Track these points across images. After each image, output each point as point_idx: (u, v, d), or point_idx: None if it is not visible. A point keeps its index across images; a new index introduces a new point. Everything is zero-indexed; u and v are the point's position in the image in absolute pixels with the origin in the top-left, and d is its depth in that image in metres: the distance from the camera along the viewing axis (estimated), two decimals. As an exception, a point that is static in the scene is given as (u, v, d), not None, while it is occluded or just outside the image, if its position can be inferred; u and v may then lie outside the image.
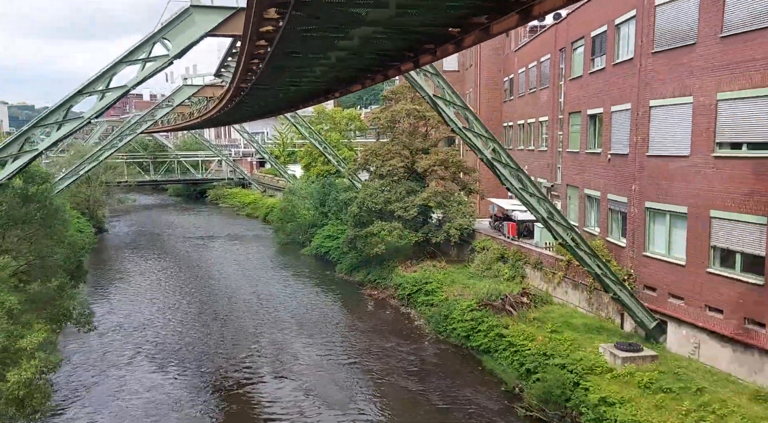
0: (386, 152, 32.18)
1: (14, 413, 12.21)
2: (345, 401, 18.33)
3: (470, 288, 25.06)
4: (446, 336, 23.32)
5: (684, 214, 17.59)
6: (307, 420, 17.12)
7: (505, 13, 8.39)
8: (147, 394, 18.82)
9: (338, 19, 9.12)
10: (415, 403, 18.36)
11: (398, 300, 28.76)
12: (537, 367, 18.00)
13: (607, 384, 15.99)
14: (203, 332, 25.04)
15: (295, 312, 27.82)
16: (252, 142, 68.98)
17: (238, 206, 67.13)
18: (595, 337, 19.04)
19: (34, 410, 12.60)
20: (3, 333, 11.83)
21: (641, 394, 15.23)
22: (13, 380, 11.68)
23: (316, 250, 40.08)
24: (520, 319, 21.68)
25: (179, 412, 17.60)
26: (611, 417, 14.63)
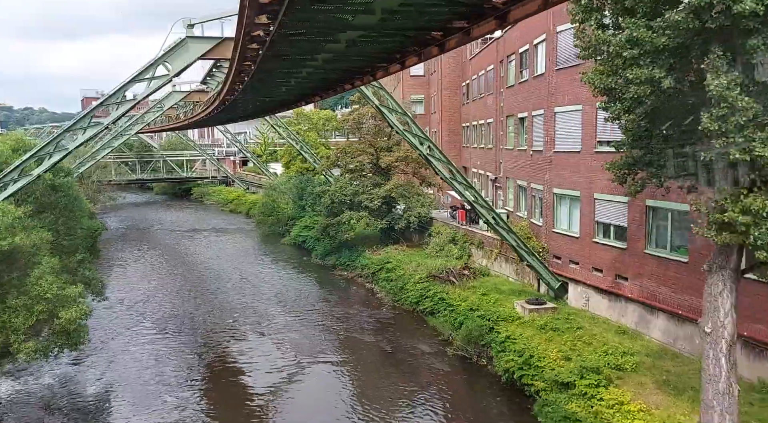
0: (354, 150, 36.96)
1: (63, 342, 16.75)
2: (314, 350, 23.06)
3: (423, 265, 29.87)
4: (401, 303, 28.17)
5: (578, 198, 22.62)
6: (282, 364, 21.81)
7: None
8: (150, 347, 23.39)
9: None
10: (370, 349, 23.17)
11: (364, 278, 33.51)
12: (465, 320, 22.87)
13: (513, 328, 20.88)
14: (195, 303, 29.61)
15: (274, 289, 32.48)
16: (235, 142, 73.21)
17: (222, 203, 71.35)
18: (515, 298, 23.94)
19: (76, 343, 17.16)
20: (56, 283, 16.37)
21: (537, 333, 20.14)
22: (65, 317, 16.24)
23: (295, 239, 44.69)
24: (461, 287, 26.57)
25: (179, 359, 22.19)
26: (511, 348, 19.54)
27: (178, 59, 18.90)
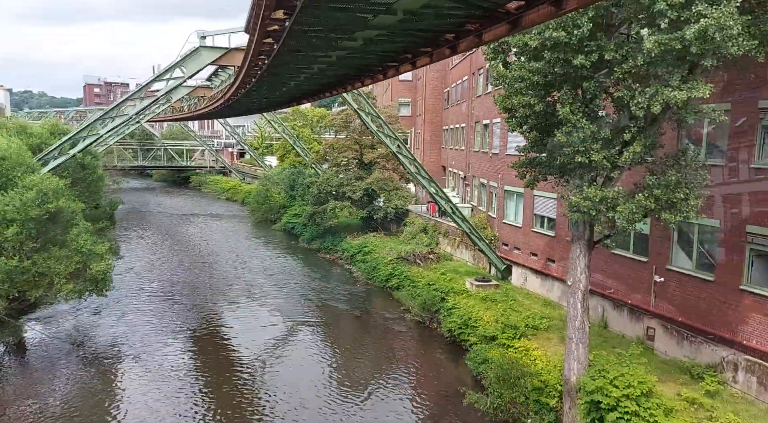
0: (341, 146, 41.40)
1: (93, 288, 21.13)
2: (294, 312, 27.50)
3: (395, 250, 34.33)
4: (373, 281, 32.64)
5: (522, 194, 27.13)
6: (267, 321, 26.24)
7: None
8: (156, 304, 27.79)
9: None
10: (342, 314, 27.65)
11: (344, 260, 37.97)
12: (423, 293, 27.35)
13: (460, 299, 25.37)
14: (195, 274, 34.00)
15: (263, 265, 36.89)
16: (233, 134, 77.43)
17: (219, 191, 75.66)
18: (468, 277, 28.40)
19: (103, 289, 21.56)
20: (90, 240, 20.76)
21: (478, 303, 24.61)
22: (95, 268, 20.63)
23: (285, 225, 49.11)
24: (424, 268, 31.07)
25: (179, 314, 26.58)
26: (455, 313, 24.03)
27: (192, 64, 22.77)
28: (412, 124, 54.53)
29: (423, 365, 22.05)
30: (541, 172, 15.94)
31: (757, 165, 15.40)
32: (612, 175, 14.33)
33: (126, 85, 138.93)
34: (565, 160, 14.25)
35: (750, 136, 15.31)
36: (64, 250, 20.07)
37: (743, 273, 16.05)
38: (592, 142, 13.68)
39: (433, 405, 18.66)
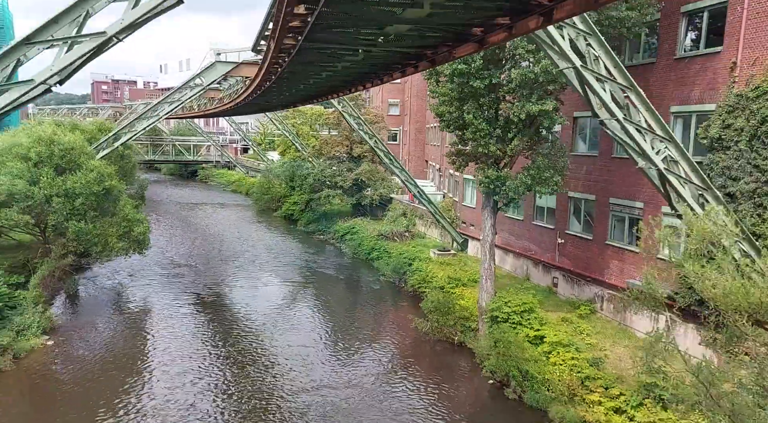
0: (334, 142, 48.21)
1: (136, 247, 28.02)
2: (291, 277, 34.35)
3: (378, 230, 41.16)
4: (358, 255, 39.47)
5: (473, 181, 33.87)
6: (268, 282, 33.08)
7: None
8: (175, 272, 34.67)
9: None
10: (329, 278, 34.52)
11: (335, 240, 44.81)
12: (395, 260, 34.14)
13: (423, 264, 32.12)
14: (207, 249, 40.91)
15: (266, 244, 43.79)
16: (238, 131, 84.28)
17: (225, 184, 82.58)
18: (433, 249, 35.20)
19: (143, 248, 28.48)
20: (133, 210, 27.64)
21: (437, 266, 31.35)
22: (137, 231, 27.55)
23: (285, 213, 55.94)
24: (401, 244, 37.87)
25: (196, 280, 33.46)
26: (417, 273, 30.79)
27: (209, 75, 28.58)
28: (401, 123, 61.30)
29: (389, 309, 28.90)
30: (464, 160, 22.73)
31: (615, 155, 22.18)
32: (505, 161, 21.13)
33: (134, 83, 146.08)
34: (473, 151, 21.06)
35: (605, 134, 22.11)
36: (115, 218, 26.98)
37: (608, 232, 22.87)
38: (488, 138, 20.48)
39: (391, 331, 25.52)
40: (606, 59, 12.37)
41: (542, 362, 18.80)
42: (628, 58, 21.98)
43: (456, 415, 17.85)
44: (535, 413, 17.80)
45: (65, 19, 10.30)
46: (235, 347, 23.02)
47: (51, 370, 20.57)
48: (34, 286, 24.78)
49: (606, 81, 12.12)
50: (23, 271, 26.07)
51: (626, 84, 12.49)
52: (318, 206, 47.96)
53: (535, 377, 18.46)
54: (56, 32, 10.41)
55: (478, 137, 20.49)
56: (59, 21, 10.32)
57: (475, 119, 20.29)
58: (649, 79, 20.63)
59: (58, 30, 10.40)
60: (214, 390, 19.16)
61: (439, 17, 9.06)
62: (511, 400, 18.80)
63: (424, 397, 19.10)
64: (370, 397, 18.92)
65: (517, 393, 18.87)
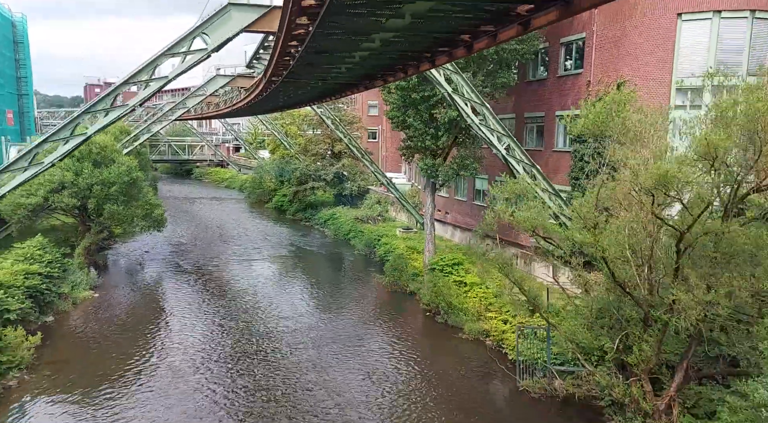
0: (317, 140, 55.78)
1: (155, 226, 35.55)
2: (279, 252, 41.92)
3: (355, 215, 48.76)
4: (338, 236, 47.10)
5: (433, 170, 41.54)
6: (261, 255, 40.63)
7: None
8: (185, 248, 42.15)
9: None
10: (313, 252, 42.17)
11: (319, 226, 52.40)
12: (367, 238, 41.76)
13: (390, 239, 39.75)
14: (208, 234, 48.41)
15: (259, 230, 51.30)
16: (231, 131, 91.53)
17: (219, 181, 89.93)
18: (399, 228, 42.84)
19: (161, 226, 36.03)
20: (154, 196, 35.10)
21: (400, 241, 38.98)
22: (157, 212, 35.08)
23: (275, 204, 63.47)
24: (374, 226, 45.50)
25: (198, 258, 40.96)
26: (384, 246, 38.39)
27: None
28: (379, 122, 68.92)
29: (360, 273, 36.55)
30: (410, 152, 30.40)
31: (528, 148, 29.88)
32: (439, 153, 28.84)
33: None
34: (415, 146, 28.76)
35: (520, 131, 29.88)
36: (139, 202, 34.42)
37: (521, 206, 30.59)
38: (425, 136, 28.15)
39: (361, 286, 33.20)
40: (466, 87, 20.09)
41: (462, 297, 26.48)
42: (532, 75, 29.74)
43: (402, 334, 25.45)
44: (454, 330, 25.45)
45: (145, 70, 17.91)
46: (236, 301, 30.57)
47: (99, 311, 28.01)
48: (79, 255, 32.24)
49: (467, 101, 19.79)
50: (65, 246, 33.43)
51: (479, 102, 20.22)
52: (304, 197, 55.53)
53: (457, 306, 26.14)
54: (140, 77, 18.06)
55: (417, 135, 28.17)
56: (141, 71, 17.79)
57: (414, 122, 27.95)
58: (544, 89, 28.39)
59: (141, 76, 18.05)
60: (222, 327, 26.71)
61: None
62: (440, 323, 26.50)
63: (382, 324, 26.73)
64: (342, 324, 26.51)
65: (444, 318, 26.56)
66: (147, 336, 24.75)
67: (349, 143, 41.42)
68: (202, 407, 18.33)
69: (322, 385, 19.81)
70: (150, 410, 18.09)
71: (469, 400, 19.13)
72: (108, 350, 23.06)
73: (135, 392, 19.35)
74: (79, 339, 24.41)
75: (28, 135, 54.91)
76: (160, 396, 19.08)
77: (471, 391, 19.93)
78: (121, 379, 20.39)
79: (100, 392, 19.29)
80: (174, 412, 18.03)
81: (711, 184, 12.83)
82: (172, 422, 17.44)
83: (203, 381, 20.18)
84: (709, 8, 21.29)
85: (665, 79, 22.37)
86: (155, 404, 18.50)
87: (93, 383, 19.94)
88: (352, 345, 23.81)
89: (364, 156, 41.87)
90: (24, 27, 56.46)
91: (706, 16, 21.43)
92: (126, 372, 20.95)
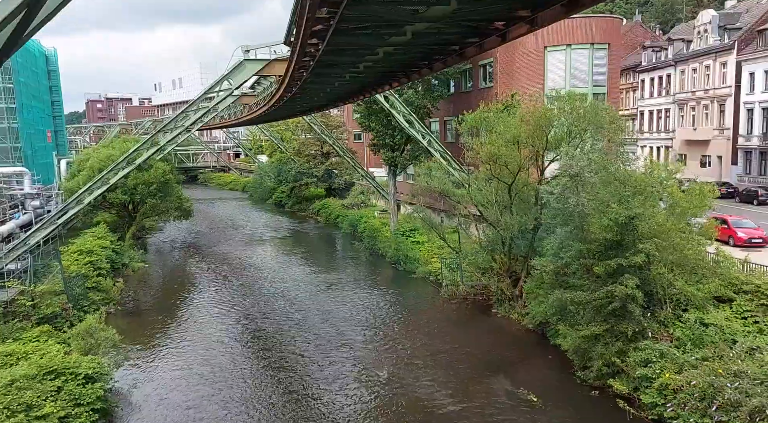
0: (309, 142, 66.66)
1: (184, 215, 46.41)
2: (279, 235, 52.77)
3: (342, 203, 59.58)
4: (328, 221, 58.00)
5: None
6: (264, 237, 51.45)
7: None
8: (204, 234, 52.99)
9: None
10: (307, 234, 53.09)
11: (313, 215, 63.28)
12: (350, 219, 52.57)
13: (368, 219, 50.52)
14: (221, 224, 59.31)
15: (261, 220, 62.21)
16: (232, 138, 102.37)
17: (223, 184, 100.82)
18: (376, 212, 53.61)
19: (189, 216, 46.94)
20: (183, 193, 45.92)
21: (377, 220, 49.75)
22: (186, 205, 45.97)
23: (275, 200, 74.31)
24: (357, 211, 56.31)
25: (213, 242, 51.79)
26: (364, 225, 49.21)
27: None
28: (363, 125, 79.77)
29: (345, 245, 47.40)
30: (377, 148, 41.23)
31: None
32: (397, 148, 39.70)
33: (129, 100, 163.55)
34: (379, 143, 39.66)
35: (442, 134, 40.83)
36: (171, 197, 45.23)
37: (461, 185, 41.49)
38: (385, 137, 39.01)
39: (343, 252, 44.11)
40: (397, 103, 30.99)
41: (416, 251, 37.29)
42: (465, 87, 40.58)
43: (374, 278, 36.22)
44: (409, 273, 36.24)
45: (194, 104, 28.72)
46: (252, 271, 41.38)
47: (150, 274, 38.82)
48: (129, 238, 43.05)
49: (399, 113, 30.66)
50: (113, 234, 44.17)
51: (407, 112, 31.07)
52: (299, 192, 66.42)
53: (411, 258, 36.95)
54: (191, 108, 28.65)
55: (379, 135, 39.03)
56: (192, 104, 28.57)
57: (376, 126, 38.81)
58: (470, 98, 39.22)
59: (192, 107, 28.55)
60: (240, 280, 37.49)
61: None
62: (400, 270, 37.36)
63: (360, 273, 37.51)
64: (332, 276, 37.28)
65: (403, 267, 37.38)
66: (186, 288, 35.59)
67: (334, 145, 52.26)
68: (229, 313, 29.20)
69: (316, 311, 30.54)
70: (194, 320, 28.95)
71: (414, 306, 30.03)
72: (161, 294, 33.94)
73: (181, 315, 30.20)
74: (142, 288, 35.28)
75: (62, 150, 66.00)
76: (199, 315, 29.94)
77: (416, 302, 30.85)
78: (171, 306, 31.26)
79: (160, 313, 30.16)
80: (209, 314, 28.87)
81: (519, 157, 23.68)
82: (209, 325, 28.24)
83: (230, 303, 31.05)
84: (564, 42, 32.06)
85: (540, 90, 33.15)
86: (196, 316, 29.35)
87: (155, 309, 30.83)
88: (340, 288, 34.60)
89: (346, 154, 52.70)
90: (55, 58, 67.37)
91: (562, 48, 32.24)
92: (174, 304, 31.83)
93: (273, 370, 22.43)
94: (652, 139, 59.29)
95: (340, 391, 20.30)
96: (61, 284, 27.34)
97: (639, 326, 17.80)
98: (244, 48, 24.77)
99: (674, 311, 18.00)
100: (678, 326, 17.40)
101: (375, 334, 26.44)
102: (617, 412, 17.62)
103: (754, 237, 25.97)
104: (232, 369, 22.43)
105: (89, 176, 40.36)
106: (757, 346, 15.46)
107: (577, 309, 19.62)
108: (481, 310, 28.51)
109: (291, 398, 20.03)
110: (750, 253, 22.53)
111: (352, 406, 19.33)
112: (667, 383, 16.01)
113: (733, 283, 18.36)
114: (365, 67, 17.39)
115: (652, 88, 59.27)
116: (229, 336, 26.48)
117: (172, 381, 21.53)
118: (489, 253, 27.60)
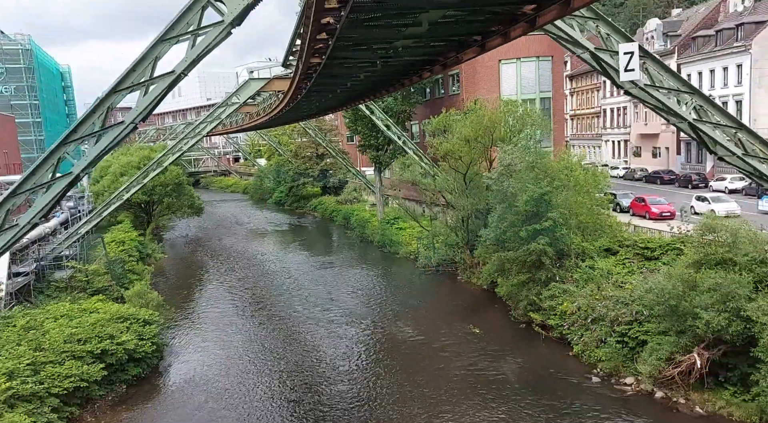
0: (305, 145, 73.25)
1: (196, 212, 53.02)
2: (284, 228, 59.38)
3: (337, 200, 66.12)
4: (324, 216, 64.62)
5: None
6: (267, 230, 58.02)
7: None
8: (212, 230, 59.60)
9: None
10: (305, 228, 59.76)
11: (310, 211, 69.90)
12: (344, 213, 59.13)
13: (360, 212, 57.06)
14: (226, 222, 65.96)
15: (264, 217, 68.85)
16: (232, 143, 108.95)
17: (224, 187, 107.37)
18: (366, 205, 60.22)
19: (200, 212, 53.58)
20: (192, 191, 52.50)
21: (367, 212, 56.35)
22: (197, 203, 52.59)
23: (275, 200, 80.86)
24: (350, 206, 62.89)
25: (223, 235, 58.39)
26: (355, 217, 55.78)
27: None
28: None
29: (338, 235, 54.06)
30: (364, 148, 47.83)
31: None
32: (381, 148, 46.33)
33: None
34: (365, 144, 46.29)
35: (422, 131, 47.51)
36: (185, 196, 51.78)
37: (438, 179, 48.13)
38: (370, 138, 45.62)
39: (337, 240, 50.78)
40: (377, 111, 37.64)
41: (399, 236, 43.87)
42: (438, 93, 47.18)
43: (363, 260, 42.81)
44: (393, 254, 42.79)
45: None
46: (259, 257, 47.95)
47: (170, 263, 45.39)
48: (149, 233, 49.60)
49: (378, 119, 37.36)
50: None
51: (384, 118, 37.71)
52: (297, 191, 73.04)
53: (395, 241, 43.51)
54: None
55: (365, 137, 45.63)
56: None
57: (362, 129, 45.41)
58: (443, 103, 45.81)
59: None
60: (251, 269, 44.05)
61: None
62: (385, 252, 43.98)
63: (351, 257, 44.09)
64: (329, 259, 43.85)
65: (388, 249, 43.98)
66: (203, 271, 42.22)
67: (327, 147, 58.79)
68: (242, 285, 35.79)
69: (313, 282, 37.10)
70: (214, 293, 35.53)
71: (395, 278, 36.75)
72: (183, 276, 40.58)
73: (203, 290, 36.78)
74: (166, 272, 41.91)
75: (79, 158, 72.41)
76: (217, 290, 36.51)
77: (397, 275, 37.60)
78: (194, 284, 37.88)
79: (186, 289, 36.75)
80: (225, 288, 35.44)
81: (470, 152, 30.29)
82: (226, 295, 34.79)
83: (242, 280, 37.63)
84: (514, 56, 38.69)
85: (496, 97, 39.77)
86: (215, 291, 35.95)
87: (181, 286, 37.47)
88: (333, 267, 41.19)
89: (338, 155, 59.25)
90: (69, 75, 73.99)
91: (513, 61, 38.90)
92: (195, 283, 38.45)
93: (280, 321, 29.13)
94: (614, 134, 65.99)
95: (334, 332, 26.96)
96: (104, 266, 33.92)
97: (550, 273, 24.44)
98: (249, 69, 31.51)
99: (576, 261, 24.58)
100: (577, 271, 24.00)
101: (363, 297, 33.09)
102: (536, 337, 24.28)
103: (664, 211, 32.75)
104: (248, 324, 29.10)
105: (112, 180, 47.07)
106: (624, 280, 22.07)
107: (510, 266, 26.26)
108: (449, 278, 35.13)
109: (297, 338, 26.70)
110: (661, 223, 29.35)
111: (345, 340, 26.00)
112: (564, 310, 22.68)
113: (620, 240, 24.97)
114: (351, 84, 23.96)
115: (612, 88, 65.89)
116: (244, 303, 33.12)
117: (203, 332, 28.16)
118: (453, 231, 34.21)
